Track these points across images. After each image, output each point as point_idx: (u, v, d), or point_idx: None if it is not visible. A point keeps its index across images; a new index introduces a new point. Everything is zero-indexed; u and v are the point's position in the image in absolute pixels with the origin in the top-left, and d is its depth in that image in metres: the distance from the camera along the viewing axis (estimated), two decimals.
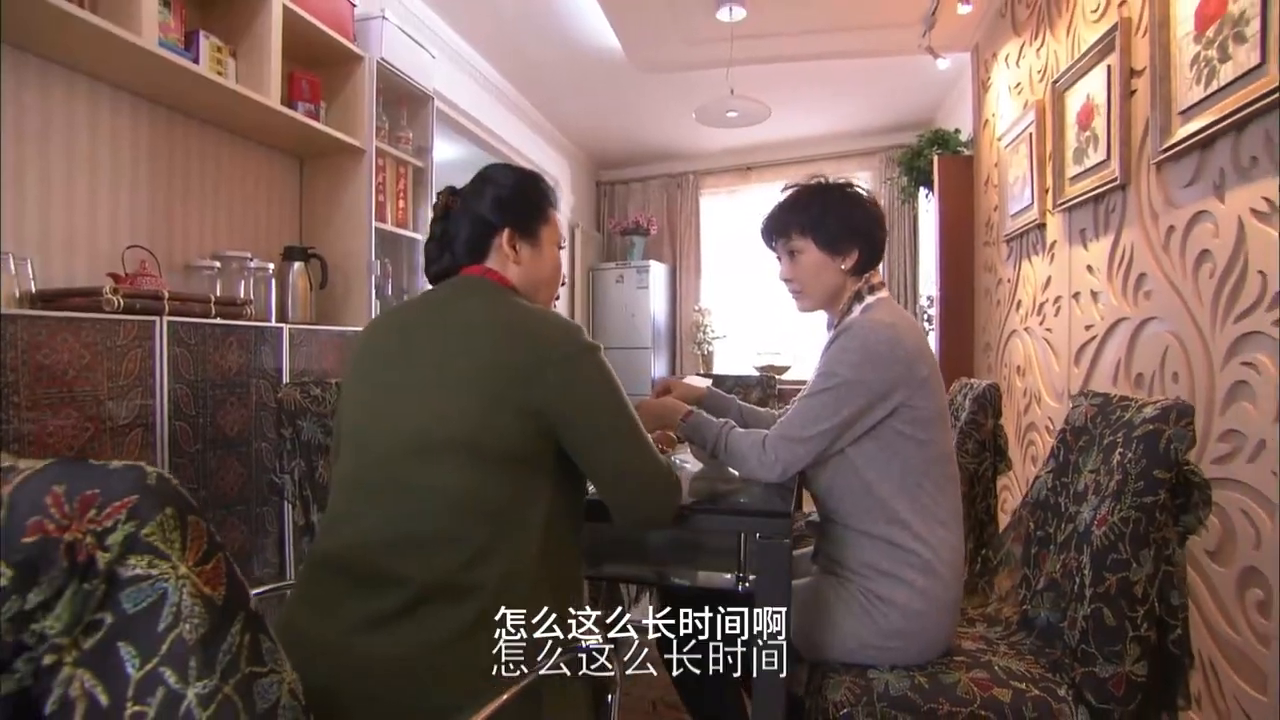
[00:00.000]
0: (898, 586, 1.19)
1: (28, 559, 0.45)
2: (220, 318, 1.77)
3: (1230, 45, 1.49)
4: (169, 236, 2.00)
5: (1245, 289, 1.46)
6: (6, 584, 0.47)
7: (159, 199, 1.97)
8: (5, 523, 0.47)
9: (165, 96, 1.92)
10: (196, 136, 2.09)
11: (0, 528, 0.47)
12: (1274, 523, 1.36)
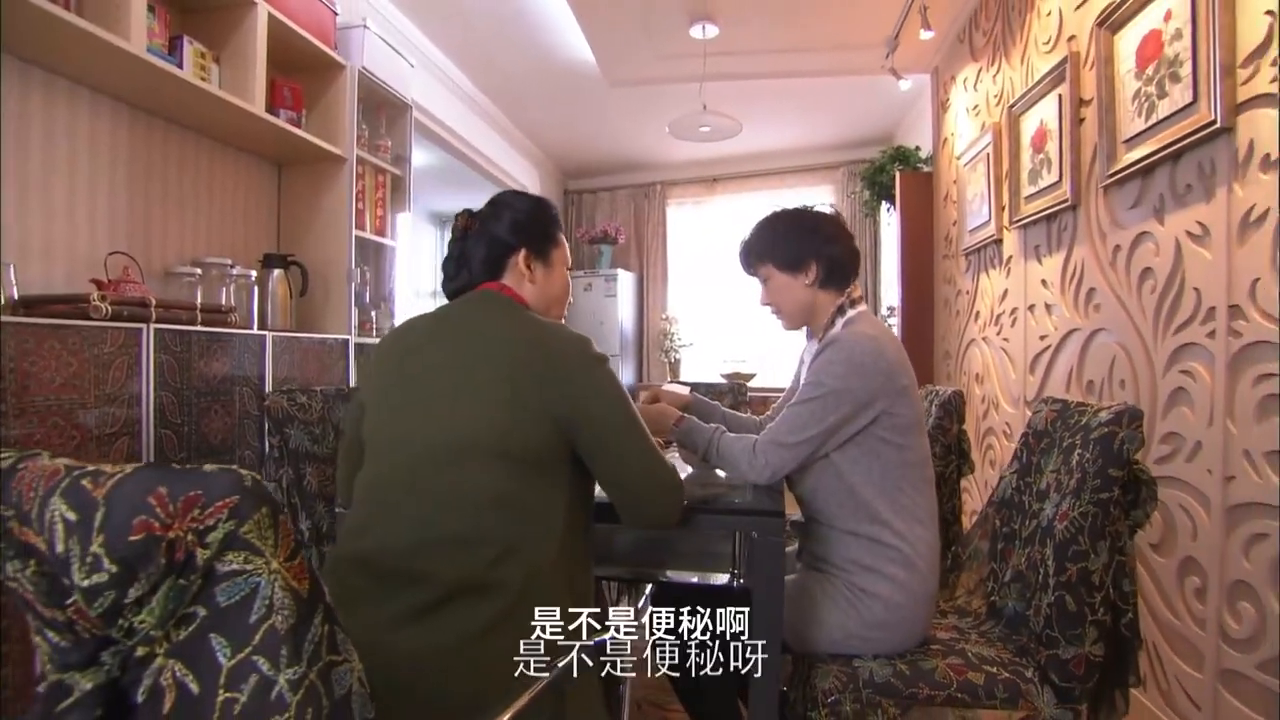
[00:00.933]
0: (880, 581, 1.27)
1: (131, 555, 0.49)
2: (205, 325, 1.77)
3: (1167, 83, 1.63)
4: (147, 242, 1.98)
5: (1183, 304, 1.60)
6: (106, 579, 0.50)
7: (137, 204, 1.95)
8: (104, 522, 0.50)
9: (146, 101, 1.90)
10: (176, 141, 2.07)
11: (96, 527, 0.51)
12: (1210, 518, 1.49)
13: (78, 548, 0.51)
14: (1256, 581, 1.36)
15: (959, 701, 1.20)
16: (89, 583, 0.51)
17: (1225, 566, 1.45)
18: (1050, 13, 2.27)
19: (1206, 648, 1.50)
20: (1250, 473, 1.39)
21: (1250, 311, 1.39)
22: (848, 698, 1.20)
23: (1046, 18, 2.30)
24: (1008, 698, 1.18)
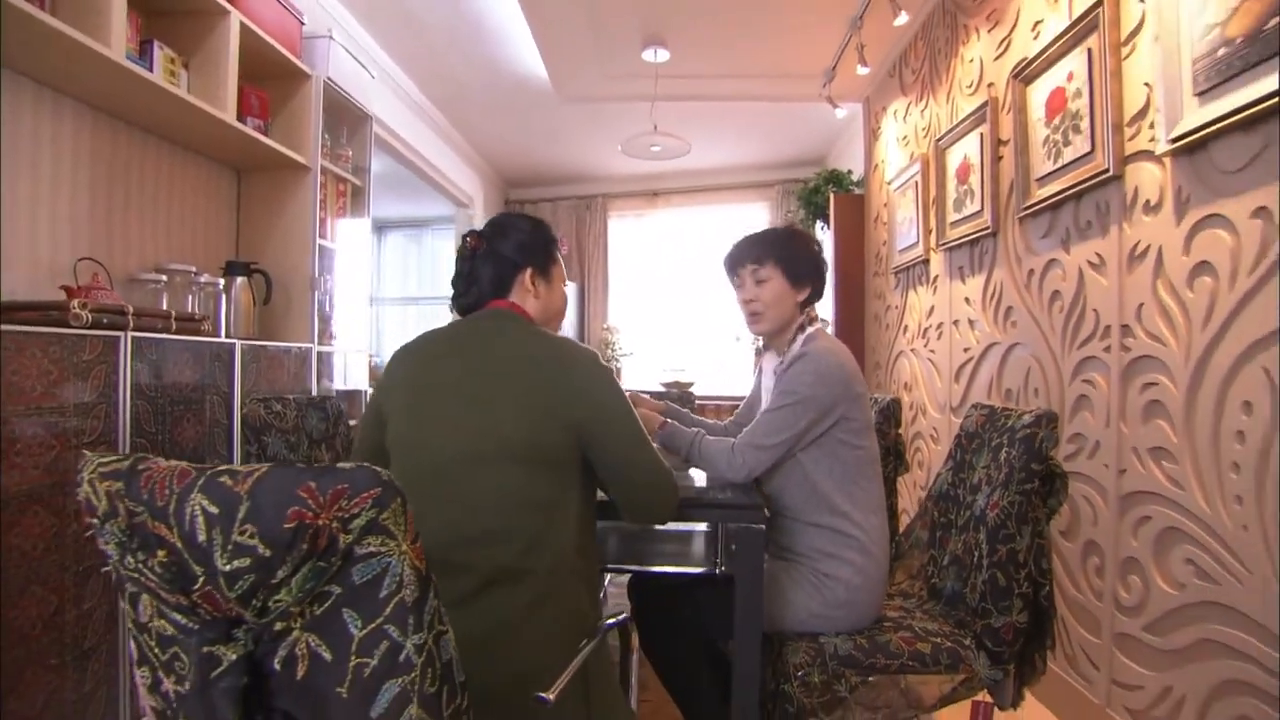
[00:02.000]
0: (841, 566, 1.43)
1: (283, 541, 0.57)
2: (179, 334, 1.76)
3: (1070, 133, 1.89)
4: (110, 248, 1.95)
5: (1084, 323, 1.86)
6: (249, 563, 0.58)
7: (100, 209, 1.92)
8: (250, 514, 0.58)
9: (112, 104, 1.88)
10: (138, 146, 2.05)
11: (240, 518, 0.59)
12: (1107, 505, 1.74)
13: (220, 537, 0.59)
14: (1142, 557, 1.61)
15: (910, 669, 1.37)
16: (230, 567, 0.59)
17: (1118, 546, 1.70)
18: (973, 60, 2.55)
19: (1103, 616, 1.75)
20: (1138, 466, 1.64)
21: (1137, 330, 1.65)
22: (815, 670, 1.35)
23: (969, 64, 2.58)
24: (950, 663, 1.37)
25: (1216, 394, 1.41)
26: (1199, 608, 1.45)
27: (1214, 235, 1.43)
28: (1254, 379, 1.32)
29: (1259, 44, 1.29)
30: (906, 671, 1.39)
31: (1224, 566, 1.39)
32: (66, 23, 1.52)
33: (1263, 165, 1.31)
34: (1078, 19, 1.84)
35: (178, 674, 0.67)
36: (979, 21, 2.50)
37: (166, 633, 0.67)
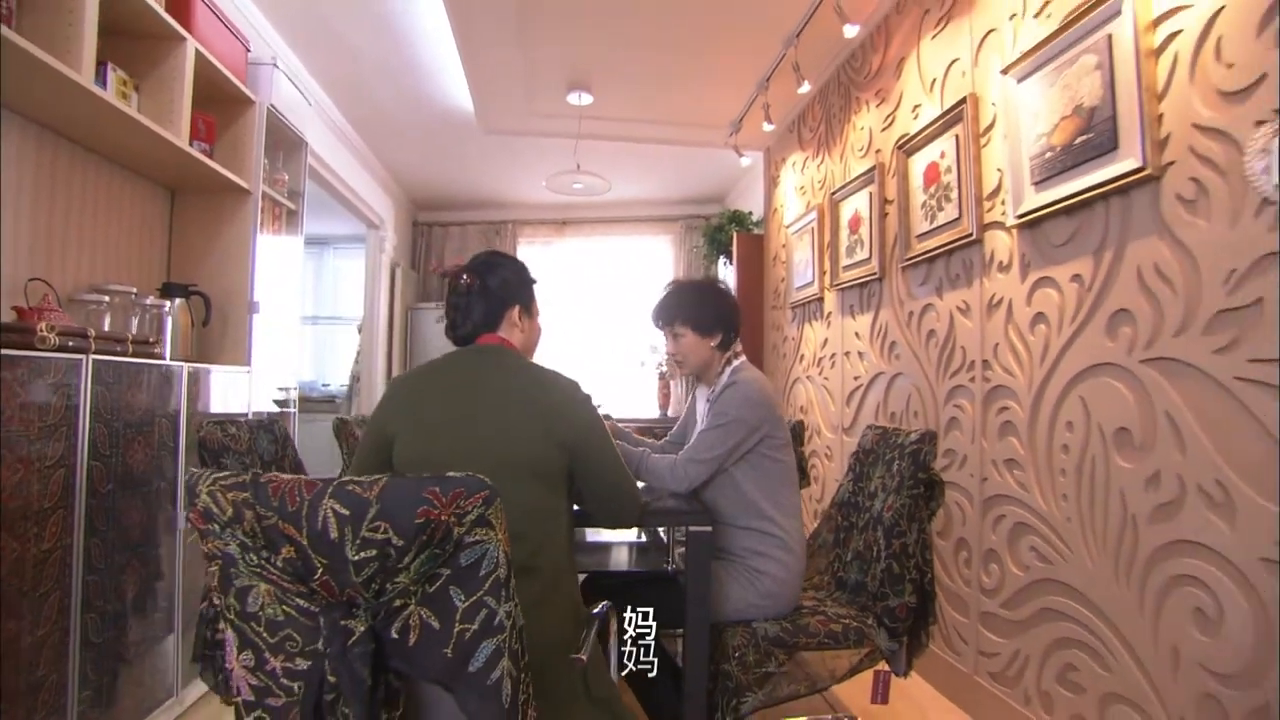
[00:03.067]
0: (768, 562, 1.69)
1: (413, 533, 0.74)
2: (134, 356, 1.77)
3: (943, 201, 2.30)
4: (49, 267, 1.91)
5: (954, 357, 2.26)
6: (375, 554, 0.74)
7: (41, 228, 1.88)
8: (380, 513, 0.74)
9: (58, 122, 1.85)
10: (80, 163, 2.01)
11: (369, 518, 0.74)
12: (973, 508, 2.13)
13: (350, 533, 0.75)
14: (999, 548, 1.99)
15: (826, 645, 1.64)
16: (358, 557, 0.75)
17: (982, 540, 2.08)
18: (863, 128, 2.97)
19: (970, 599, 2.12)
20: (995, 474, 2.03)
21: (994, 365, 2.05)
22: (750, 650, 1.60)
23: (860, 130, 3.00)
24: (857, 640, 1.65)
25: (1049, 416, 1.81)
26: (1039, 584, 1.83)
27: (1046, 293, 1.83)
28: (1074, 404, 1.72)
29: (1072, 153, 1.70)
30: (824, 648, 1.66)
31: (1055, 550, 1.77)
32: (34, 44, 1.54)
33: (1078, 242, 1.72)
34: (948, 109, 2.26)
35: (288, 652, 0.81)
36: (869, 96, 2.93)
37: (278, 618, 0.81)
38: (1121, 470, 1.58)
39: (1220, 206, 1.36)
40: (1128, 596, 1.55)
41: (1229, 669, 1.31)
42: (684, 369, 1.91)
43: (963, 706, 2.14)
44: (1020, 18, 1.96)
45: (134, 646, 1.80)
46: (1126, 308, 1.58)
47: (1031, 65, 1.86)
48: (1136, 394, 1.54)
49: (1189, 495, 1.40)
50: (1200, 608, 1.37)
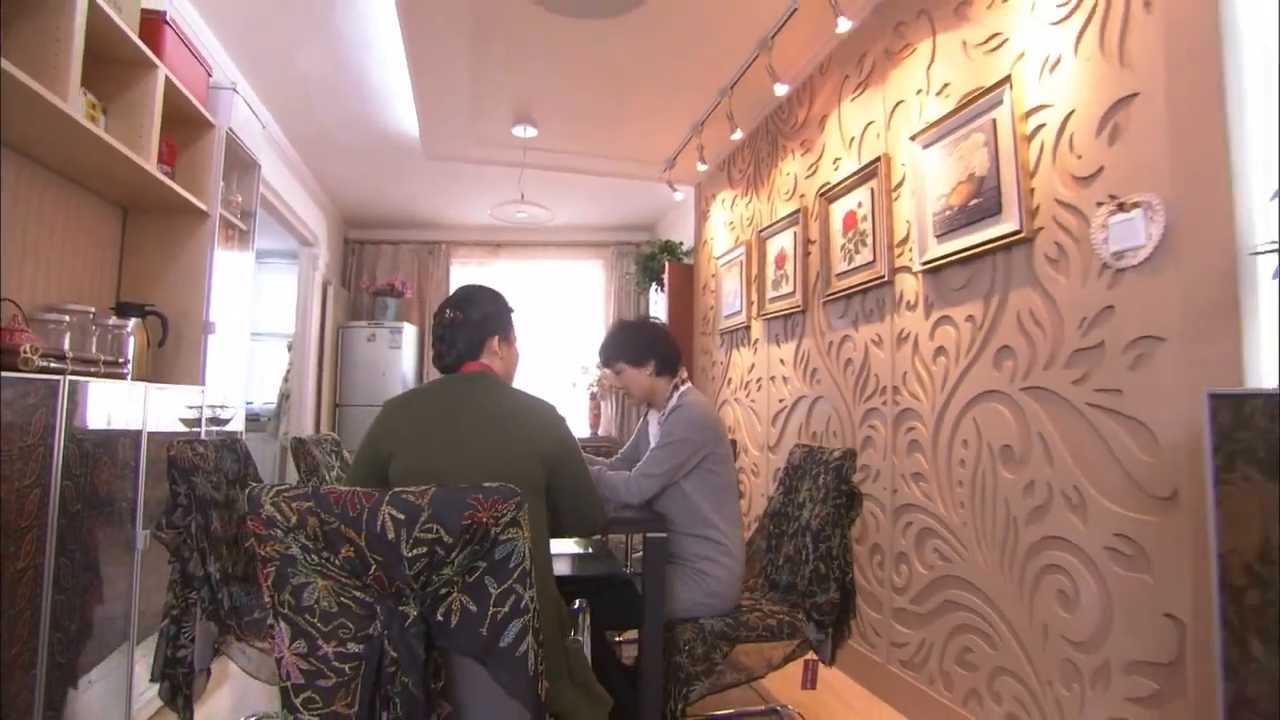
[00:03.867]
0: (714, 565, 1.90)
1: (459, 532, 0.90)
2: (105, 377, 1.80)
3: (859, 245, 2.62)
4: (5, 287, 1.90)
5: (868, 384, 2.56)
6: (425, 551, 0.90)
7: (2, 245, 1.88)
8: (431, 517, 0.90)
9: (27, 144, 1.86)
10: (40, 182, 2.01)
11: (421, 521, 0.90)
12: (885, 516, 2.42)
13: (405, 534, 0.90)
14: (908, 551, 2.29)
15: (764, 638, 1.86)
16: (412, 554, 0.90)
17: (893, 544, 2.38)
18: (789, 173, 3.29)
19: (884, 597, 2.41)
20: (904, 486, 2.33)
21: (903, 391, 2.36)
22: (698, 643, 1.79)
23: (786, 175, 3.32)
24: (790, 632, 1.88)
25: (949, 435, 2.12)
26: (941, 580, 2.13)
27: (946, 329, 2.15)
28: (969, 425, 2.04)
29: (966, 213, 2.04)
30: (761, 640, 1.88)
31: (954, 550, 2.08)
32: (20, 69, 1.58)
33: (971, 288, 2.05)
34: (865, 165, 2.59)
35: (340, 639, 0.94)
36: (795, 145, 3.26)
37: (332, 610, 0.94)
38: (1005, 480, 1.89)
39: (1075, 267, 1.69)
40: (1010, 585, 1.86)
41: (1081, 637, 1.62)
42: (633, 399, 2.13)
43: (877, 693, 2.41)
44: (925, 94, 2.30)
45: (92, 666, 1.81)
46: (1009, 344, 1.90)
47: (934, 135, 2.20)
48: (1017, 417, 1.86)
49: (1055, 499, 1.72)
50: (1063, 590, 1.68)
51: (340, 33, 3.08)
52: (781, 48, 2.84)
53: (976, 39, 2.08)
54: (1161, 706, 1.44)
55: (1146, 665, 1.47)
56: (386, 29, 3.01)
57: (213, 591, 1.77)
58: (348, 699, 0.93)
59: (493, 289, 1.69)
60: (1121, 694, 1.52)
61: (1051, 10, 1.80)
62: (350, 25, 3.02)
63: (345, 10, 2.91)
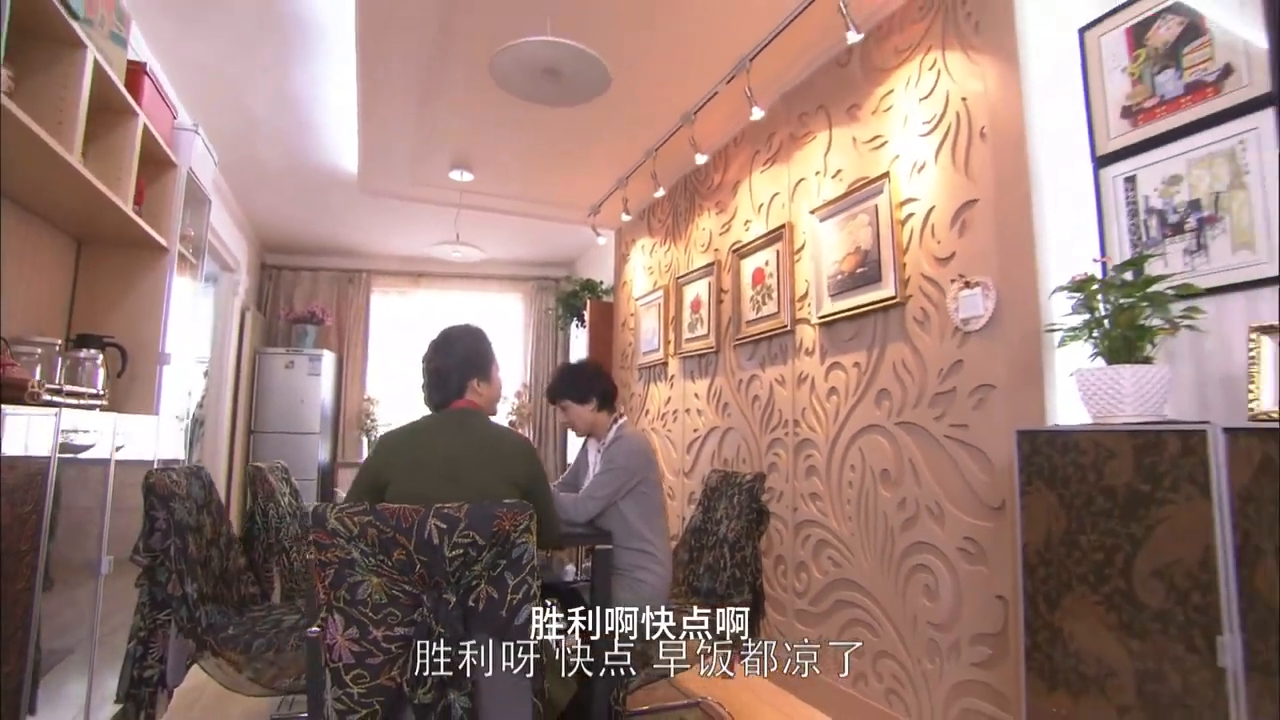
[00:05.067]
0: (647, 573, 2.22)
1: (489, 537, 1.17)
2: (85, 408, 1.90)
3: (767, 298, 3.06)
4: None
5: (773, 417, 2.98)
6: (461, 552, 1.17)
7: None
8: (468, 525, 1.17)
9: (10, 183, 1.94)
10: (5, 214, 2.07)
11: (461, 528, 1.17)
12: (788, 531, 2.83)
13: (447, 539, 1.17)
14: (807, 560, 2.70)
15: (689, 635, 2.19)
16: (451, 554, 1.17)
17: (794, 555, 2.78)
18: (705, 229, 3.72)
19: (786, 601, 2.80)
20: (803, 505, 2.75)
21: (802, 423, 2.79)
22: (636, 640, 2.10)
23: (702, 230, 3.75)
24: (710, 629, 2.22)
25: (840, 461, 2.56)
26: (834, 583, 2.54)
27: (837, 373, 2.60)
28: (855, 453, 2.48)
29: (854, 279, 2.50)
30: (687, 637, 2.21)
31: (845, 557, 2.50)
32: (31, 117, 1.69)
33: (858, 340, 2.51)
34: (771, 230, 3.04)
35: (388, 624, 1.19)
36: (710, 204, 3.69)
37: (382, 601, 1.18)
38: (884, 498, 2.33)
39: (935, 328, 2.17)
40: (888, 583, 2.29)
41: (941, 620, 2.06)
42: (578, 432, 2.44)
43: (781, 684, 2.79)
44: (822, 175, 2.78)
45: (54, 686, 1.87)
46: (886, 387, 2.36)
47: (829, 211, 2.67)
48: (893, 446, 2.31)
49: (921, 512, 2.17)
50: (928, 584, 2.12)
51: (289, 76, 3.23)
52: (702, 123, 3.27)
53: (864, 137, 2.57)
54: (995, 668, 1.88)
55: (984, 636, 1.92)
56: (335, 74, 3.19)
57: (190, 610, 1.90)
58: (392, 672, 1.17)
59: (473, 329, 1.94)
60: (968, 661, 1.97)
61: (919, 125, 2.30)
62: (300, 70, 3.19)
63: (299, 59, 3.09)
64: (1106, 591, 1.38)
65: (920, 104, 2.31)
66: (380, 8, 2.43)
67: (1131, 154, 1.77)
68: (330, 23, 2.79)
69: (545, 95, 2.15)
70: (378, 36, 2.62)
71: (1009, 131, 1.99)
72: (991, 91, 2.06)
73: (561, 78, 2.06)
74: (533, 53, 1.96)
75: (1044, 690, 1.50)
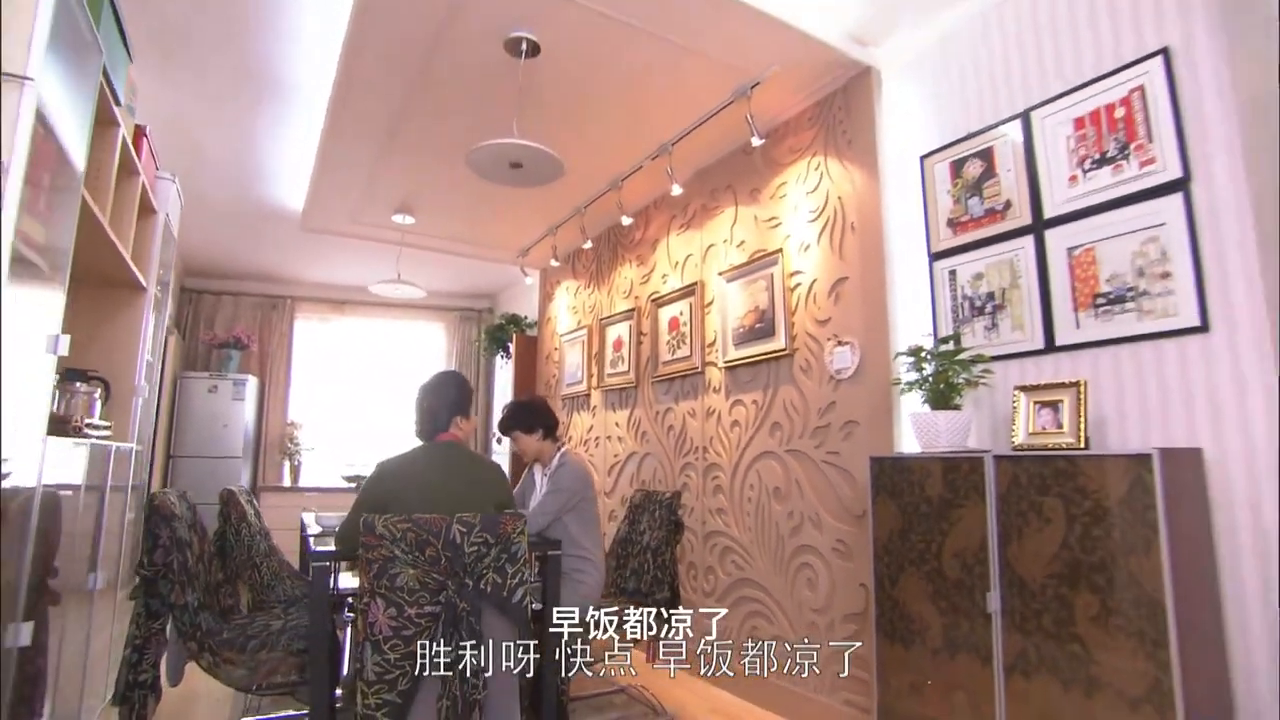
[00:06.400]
0: (585, 576, 2.66)
1: (497, 537, 1.59)
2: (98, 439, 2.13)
3: (680, 343, 3.61)
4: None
5: (686, 444, 3.51)
6: (477, 548, 1.59)
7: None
8: (482, 530, 1.59)
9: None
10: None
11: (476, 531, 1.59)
12: (698, 541, 3.34)
13: (466, 540, 1.58)
14: (714, 565, 3.22)
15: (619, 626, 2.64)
16: (470, 550, 1.59)
17: (703, 561, 3.30)
18: (626, 278, 4.24)
19: (697, 600, 3.31)
20: (711, 519, 3.28)
21: (709, 451, 3.33)
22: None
23: (624, 279, 4.27)
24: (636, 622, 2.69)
25: (741, 481, 3.11)
26: (737, 583, 3.08)
27: (739, 409, 3.17)
28: (754, 475, 3.03)
29: (754, 332, 3.09)
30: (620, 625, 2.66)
31: (746, 560, 3.04)
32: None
33: (755, 382, 3.08)
34: (686, 285, 3.60)
35: (419, 605, 1.57)
36: (632, 256, 4.22)
37: (414, 586, 1.57)
38: (776, 510, 2.90)
39: (815, 376, 2.77)
40: (780, 580, 2.84)
41: (819, 606, 2.63)
42: (526, 458, 2.86)
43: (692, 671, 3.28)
44: (729, 244, 3.37)
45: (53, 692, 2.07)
46: (778, 421, 2.94)
47: (734, 275, 3.25)
48: (783, 468, 2.88)
49: (805, 521, 2.74)
50: (810, 578, 2.69)
51: (251, 126, 3.49)
52: (627, 188, 3.80)
53: (763, 216, 3.17)
54: (859, 638, 2.46)
55: (852, 615, 2.50)
56: (295, 123, 3.47)
57: (191, 616, 2.16)
58: (422, 639, 1.56)
59: (458, 377, 2.33)
60: (840, 637, 2.53)
61: (806, 213, 2.92)
62: (261, 119, 3.45)
63: (263, 111, 3.36)
64: (926, 570, 1.97)
65: (807, 196, 2.93)
66: (358, 78, 2.79)
67: (953, 254, 2.44)
68: (302, 81, 3.09)
69: (508, 179, 2.59)
70: (351, 101, 2.96)
71: (871, 227, 2.63)
72: (859, 194, 2.70)
73: (525, 169, 2.52)
74: (502, 150, 2.40)
75: (888, 645, 2.07)
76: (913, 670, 2.00)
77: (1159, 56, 1.96)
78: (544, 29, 2.49)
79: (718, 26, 2.46)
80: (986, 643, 1.79)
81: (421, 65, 2.70)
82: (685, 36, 2.53)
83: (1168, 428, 1.84)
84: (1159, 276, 1.92)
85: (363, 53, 2.62)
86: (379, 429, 6.27)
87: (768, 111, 3.04)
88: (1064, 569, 1.67)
